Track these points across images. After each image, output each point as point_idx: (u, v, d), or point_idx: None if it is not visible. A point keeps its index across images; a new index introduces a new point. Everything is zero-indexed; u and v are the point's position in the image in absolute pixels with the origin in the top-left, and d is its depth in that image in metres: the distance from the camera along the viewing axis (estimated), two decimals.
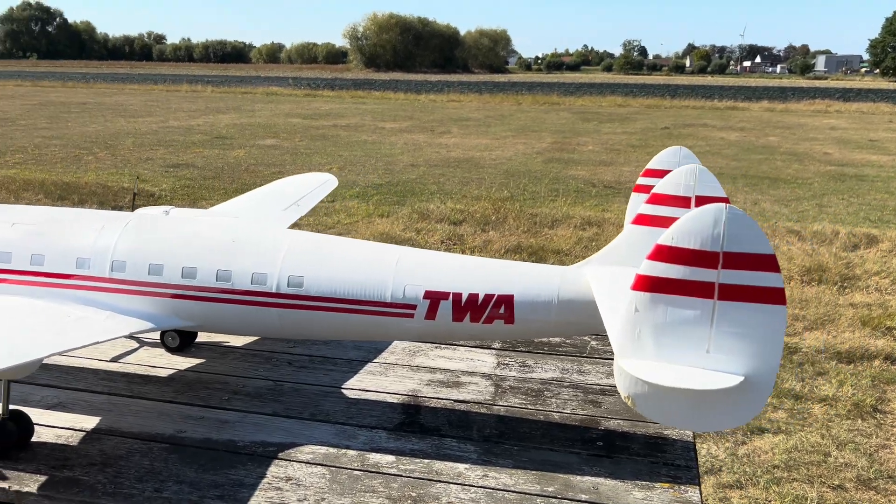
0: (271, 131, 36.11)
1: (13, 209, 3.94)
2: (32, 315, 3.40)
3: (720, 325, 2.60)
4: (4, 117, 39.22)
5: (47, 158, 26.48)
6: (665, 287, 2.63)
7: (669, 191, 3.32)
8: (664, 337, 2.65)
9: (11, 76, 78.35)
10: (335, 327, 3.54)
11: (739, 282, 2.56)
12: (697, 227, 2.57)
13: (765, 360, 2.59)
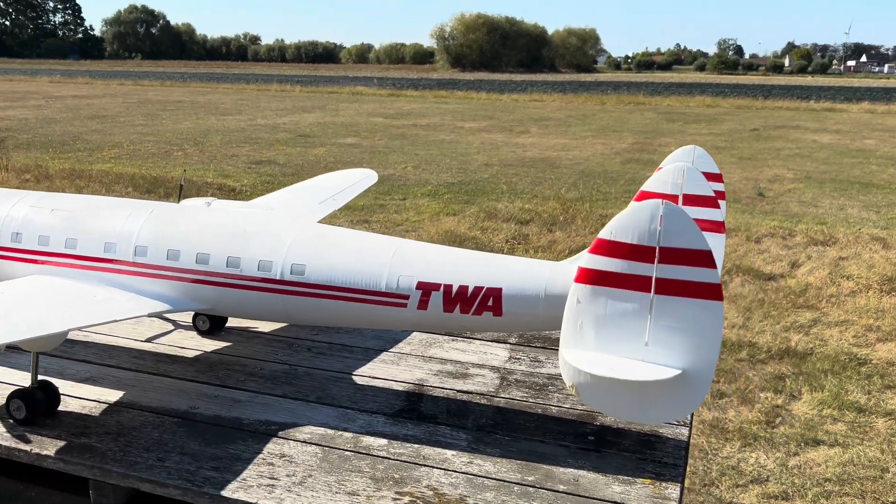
0: (353, 130, 36.91)
1: (55, 197, 4.28)
2: (62, 293, 3.70)
3: (658, 319, 2.63)
4: (106, 114, 41.49)
5: (140, 153, 27.90)
6: (605, 280, 2.67)
7: (657, 189, 3.34)
8: (604, 329, 2.69)
9: (116, 76, 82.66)
10: (334, 314, 3.71)
11: (676, 276, 2.58)
12: (634, 222, 2.61)
13: (702, 354, 2.60)
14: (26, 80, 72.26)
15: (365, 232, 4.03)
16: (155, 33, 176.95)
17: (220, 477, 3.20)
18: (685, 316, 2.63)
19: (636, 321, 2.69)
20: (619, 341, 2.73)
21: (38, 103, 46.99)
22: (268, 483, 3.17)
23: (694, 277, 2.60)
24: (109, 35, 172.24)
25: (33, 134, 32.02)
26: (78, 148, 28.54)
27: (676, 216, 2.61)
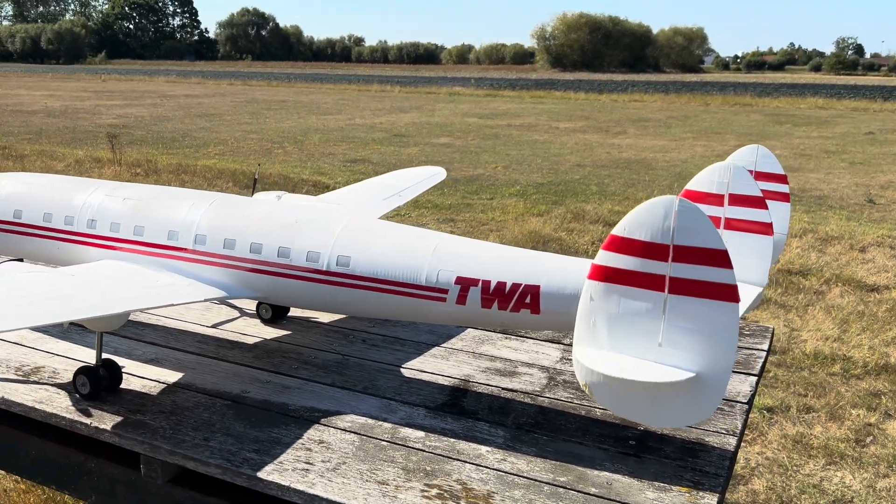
0: (446, 130, 37.23)
1: (128, 186, 4.52)
2: (128, 278, 3.92)
3: (671, 319, 2.54)
4: (214, 113, 43.40)
5: (243, 150, 29.06)
6: (618, 278, 2.60)
7: (702, 188, 3.23)
8: (617, 327, 2.62)
9: (226, 76, 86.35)
10: (376, 306, 3.77)
11: (690, 276, 2.49)
12: (648, 218, 2.53)
13: (717, 357, 2.49)
14: (145, 81, 76.54)
15: (410, 226, 4.07)
16: (265, 35, 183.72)
17: (258, 459, 3.31)
18: (699, 317, 2.54)
19: (649, 321, 2.62)
20: (631, 341, 2.67)
21: (154, 102, 49.66)
22: (303, 467, 3.26)
23: (709, 277, 2.50)
24: (222, 37, 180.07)
25: (147, 130, 33.87)
26: (186, 144, 29.99)
27: (691, 213, 2.51)
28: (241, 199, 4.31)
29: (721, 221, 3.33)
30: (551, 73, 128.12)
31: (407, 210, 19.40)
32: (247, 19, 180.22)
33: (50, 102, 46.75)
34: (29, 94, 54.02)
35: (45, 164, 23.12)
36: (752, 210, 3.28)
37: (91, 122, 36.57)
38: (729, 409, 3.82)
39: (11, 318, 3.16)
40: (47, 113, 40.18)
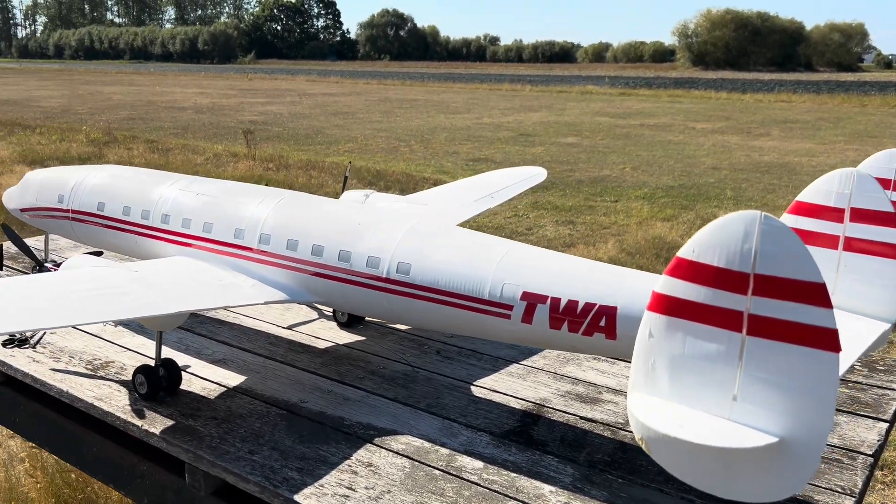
0: (575, 129, 36.38)
1: (202, 181, 4.43)
2: (191, 276, 3.79)
3: (750, 368, 2.01)
4: (348, 111, 44.54)
5: (371, 148, 29.55)
6: (684, 311, 2.08)
7: (817, 199, 2.66)
8: (681, 372, 2.11)
9: (363, 75, 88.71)
10: (436, 318, 3.43)
11: (775, 314, 1.95)
12: (723, 239, 2.01)
13: (808, 419, 1.95)
14: (287, 79, 79.89)
15: (479, 233, 3.71)
16: (403, 35, 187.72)
17: (299, 479, 3.07)
18: (786, 367, 2.00)
19: (723, 367, 2.10)
20: (699, 391, 2.16)
21: (293, 100, 51.63)
22: (343, 493, 2.98)
23: (799, 318, 1.97)
24: (363, 37, 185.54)
25: (283, 127, 35.17)
26: (318, 141, 30.86)
27: (779, 234, 1.98)
28: (309, 199, 4.11)
29: (840, 241, 2.75)
30: (692, 71, 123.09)
31: (524, 210, 19.00)
32: (386, 20, 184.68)
33: (199, 100, 49.60)
34: (182, 91, 57.58)
35: (187, 157, 24.40)
36: (879, 228, 2.68)
37: (234, 118, 38.40)
38: (849, 463, 3.21)
39: (54, 316, 3.07)
40: (196, 109, 42.60)
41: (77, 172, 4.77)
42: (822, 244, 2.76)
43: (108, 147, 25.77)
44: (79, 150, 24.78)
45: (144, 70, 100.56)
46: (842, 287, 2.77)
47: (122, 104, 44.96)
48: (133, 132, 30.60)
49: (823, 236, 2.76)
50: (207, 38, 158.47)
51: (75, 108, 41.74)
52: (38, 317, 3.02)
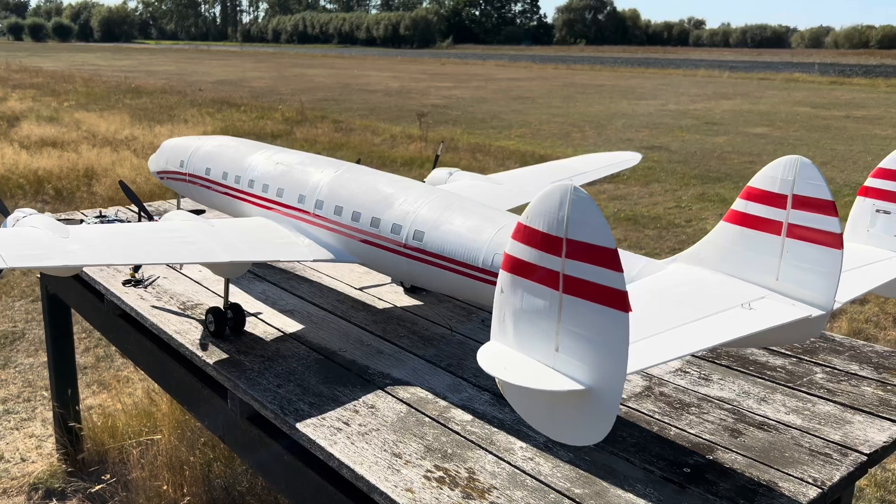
0: (768, 119, 34.27)
1: (285, 153, 4.99)
2: (259, 232, 4.37)
3: (566, 323, 2.18)
4: (529, 96, 44.83)
5: (543, 133, 29.71)
6: (521, 270, 2.29)
7: (764, 185, 2.67)
8: (521, 324, 2.31)
9: (552, 60, 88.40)
10: (441, 283, 3.73)
11: (582, 275, 2.13)
12: (546, 206, 2.21)
13: (607, 371, 2.06)
14: (478, 64, 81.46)
15: (488, 207, 3.94)
16: (601, 19, 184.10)
17: (307, 411, 3.53)
18: (591, 323, 2.17)
19: (547, 321, 2.28)
20: (532, 341, 2.35)
21: (478, 85, 52.74)
22: (338, 426, 3.40)
23: (599, 279, 2.12)
24: (559, 22, 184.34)
25: (462, 111, 36.17)
26: (492, 125, 31.47)
27: (583, 204, 2.14)
28: (361, 170, 4.53)
29: (783, 227, 2.71)
30: None
31: (688, 202, 18.41)
32: (584, 4, 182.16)
33: (390, 83, 52.06)
34: (377, 75, 60.68)
35: (366, 137, 25.96)
36: (818, 216, 2.62)
37: (418, 101, 40.01)
38: (837, 458, 3.14)
39: (125, 255, 3.72)
40: (385, 92, 44.84)
41: (195, 141, 5.53)
42: (767, 230, 2.75)
43: (299, 125, 27.96)
44: (273, 127, 27.13)
45: (347, 54, 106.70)
46: (784, 273, 2.74)
47: (320, 86, 48.25)
48: (324, 112, 32.90)
49: (768, 222, 2.74)
50: (409, 23, 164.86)
51: (280, 88, 45.40)
52: (112, 254, 3.69)
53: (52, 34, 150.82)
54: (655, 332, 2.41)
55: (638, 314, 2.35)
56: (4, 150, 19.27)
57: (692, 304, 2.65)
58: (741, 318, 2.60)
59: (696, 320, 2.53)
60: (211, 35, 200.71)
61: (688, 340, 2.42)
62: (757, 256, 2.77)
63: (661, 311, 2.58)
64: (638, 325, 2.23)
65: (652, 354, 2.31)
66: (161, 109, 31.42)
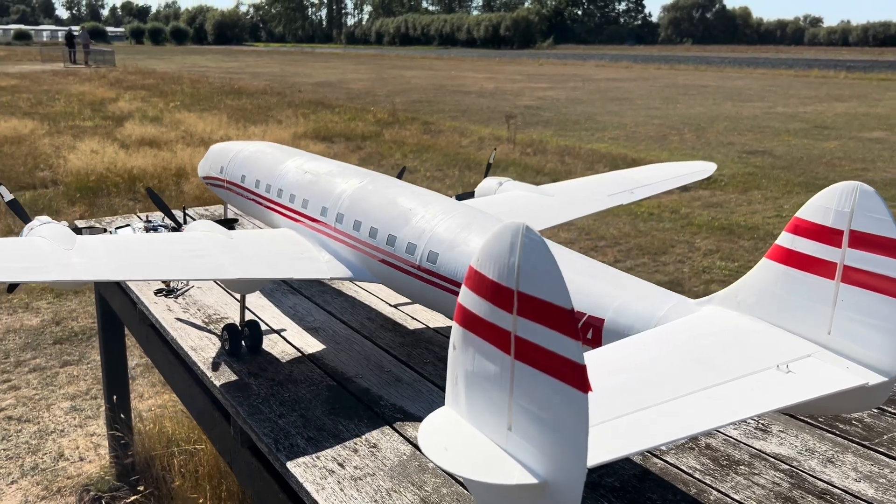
0: (887, 123, 31.95)
1: (314, 160, 4.70)
2: (279, 246, 4.10)
3: (517, 396, 1.72)
4: (627, 97, 43.52)
5: (638, 136, 28.68)
6: (473, 324, 1.83)
7: (816, 217, 2.15)
8: (472, 391, 1.85)
9: (656, 60, 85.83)
10: (451, 309, 3.34)
11: (534, 339, 1.67)
12: (496, 249, 1.77)
13: (563, 463, 1.63)
14: (577, 65, 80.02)
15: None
16: (709, 18, 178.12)
17: (303, 447, 3.22)
18: (546, 400, 1.70)
19: (499, 392, 1.82)
20: (485, 415, 1.88)
21: (575, 85, 51.67)
22: (331, 468, 3.08)
23: (552, 346, 1.65)
24: (665, 21, 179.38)
25: (556, 112, 35.43)
26: (585, 127, 30.64)
27: (537, 249, 1.69)
28: (387, 182, 4.19)
29: (837, 270, 2.16)
30: None
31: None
32: (692, 2, 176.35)
33: (485, 84, 51.72)
34: (473, 76, 60.45)
35: (454, 139, 25.72)
36: (880, 258, 2.06)
37: (512, 103, 39.50)
38: None
39: (131, 270, 3.51)
40: (479, 94, 44.53)
41: (236, 146, 5.35)
42: (819, 272, 2.20)
43: (389, 127, 28.02)
44: (364, 128, 27.29)
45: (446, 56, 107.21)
46: (838, 326, 2.19)
47: (416, 87, 48.45)
48: (415, 114, 32.90)
49: (820, 262, 2.19)
50: (509, 23, 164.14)
51: (376, 90, 45.87)
52: (113, 269, 3.48)
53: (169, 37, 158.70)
54: (658, 402, 1.94)
55: (644, 375, 1.91)
56: (106, 149, 20.09)
57: (716, 362, 2.16)
58: (775, 386, 2.09)
59: (715, 386, 2.04)
60: (317, 37, 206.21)
61: (699, 416, 1.93)
62: (805, 303, 2.25)
63: (674, 372, 2.11)
64: (639, 392, 1.79)
65: (648, 434, 1.84)
66: (259, 110, 32.19)
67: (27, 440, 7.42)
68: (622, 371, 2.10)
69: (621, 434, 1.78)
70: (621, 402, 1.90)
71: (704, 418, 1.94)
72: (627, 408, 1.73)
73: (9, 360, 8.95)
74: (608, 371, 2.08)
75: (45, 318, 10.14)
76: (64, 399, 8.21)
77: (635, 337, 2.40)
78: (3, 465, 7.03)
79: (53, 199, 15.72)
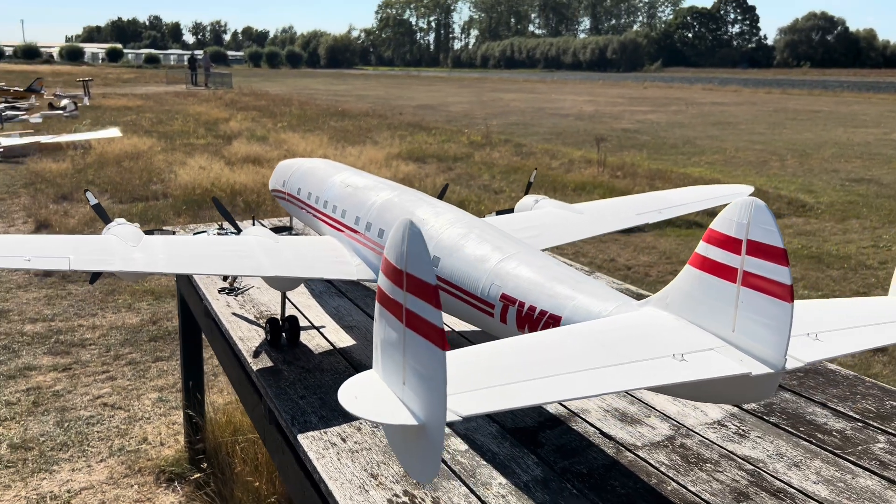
0: None
1: (356, 175, 5.18)
2: (321, 251, 4.60)
3: (408, 356, 2.16)
4: (730, 122, 42.52)
5: (737, 161, 28.07)
6: (383, 300, 2.30)
7: (722, 228, 2.43)
8: (383, 354, 2.27)
9: (767, 84, 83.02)
10: (454, 311, 3.71)
11: (416, 310, 2.13)
12: (393, 239, 2.22)
13: (432, 408, 2.06)
14: (683, 88, 78.52)
15: (507, 234, 3.83)
16: (829, 40, 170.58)
17: (314, 423, 3.66)
18: (424, 359, 2.12)
19: (398, 354, 2.24)
20: (389, 374, 2.31)
21: (678, 109, 50.81)
22: (334, 442, 3.50)
23: (423, 313, 2.10)
24: (781, 44, 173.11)
25: (653, 136, 35.07)
26: (682, 151, 30.23)
27: (417, 239, 2.15)
28: (412, 195, 4.60)
29: (738, 274, 2.39)
30: None
31: (888, 242, 16.56)
32: (812, 24, 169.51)
33: (585, 107, 51.64)
34: (573, 99, 60.46)
35: (544, 161, 25.98)
36: (770, 264, 2.29)
37: (608, 126, 39.36)
38: None
39: (180, 265, 4.08)
40: (577, 116, 44.56)
41: (297, 162, 5.92)
42: (724, 276, 2.44)
43: (481, 148, 28.59)
44: (456, 150, 27.96)
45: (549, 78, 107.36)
46: (739, 324, 2.41)
47: (514, 110, 48.97)
48: (509, 136, 33.36)
49: (726, 268, 2.43)
50: (616, 46, 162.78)
51: (474, 112, 46.68)
52: (168, 263, 4.06)
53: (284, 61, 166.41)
54: (541, 372, 2.28)
55: (542, 353, 2.26)
56: (213, 166, 21.55)
57: (619, 349, 2.44)
58: (660, 368, 2.36)
59: (604, 366, 2.33)
60: (424, 61, 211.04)
61: (572, 385, 2.26)
62: (715, 304, 2.50)
63: (571, 352, 2.42)
64: (527, 363, 2.16)
65: (518, 395, 2.20)
66: (359, 132, 33.49)
67: (118, 424, 8.23)
68: (529, 349, 2.44)
69: (497, 394, 2.15)
70: (508, 369, 2.28)
71: (575, 387, 2.26)
72: (511, 375, 2.11)
73: (109, 354, 9.91)
74: (519, 348, 2.45)
75: (143, 318, 11.14)
76: (153, 390, 9.03)
77: (567, 327, 2.73)
78: (95, 444, 7.84)
79: (162, 210, 17.05)
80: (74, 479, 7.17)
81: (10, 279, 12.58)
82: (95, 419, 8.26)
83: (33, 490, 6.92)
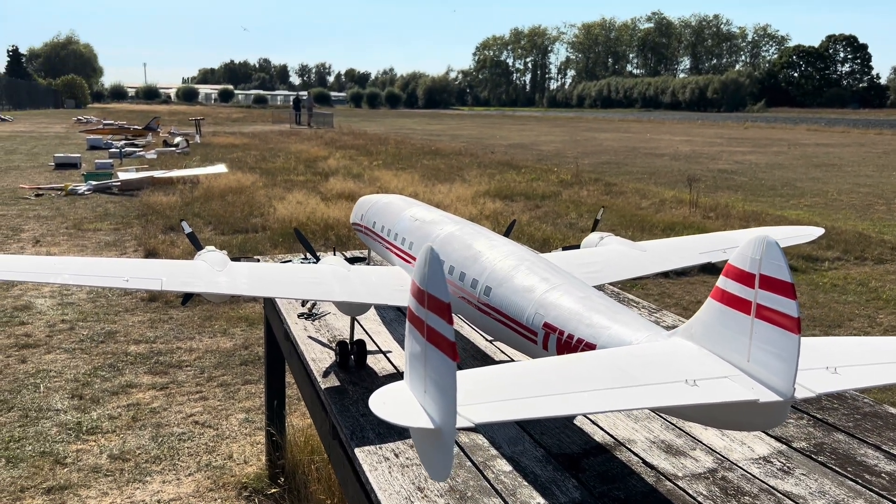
0: None
1: (425, 210, 5.48)
2: (388, 279, 4.91)
3: (428, 370, 2.42)
4: (834, 164, 40.98)
5: (838, 204, 27.06)
6: (412, 319, 2.61)
7: (739, 263, 2.59)
8: (411, 367, 2.57)
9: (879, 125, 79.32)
10: (504, 337, 3.91)
11: (433, 325, 2.42)
12: (419, 265, 2.53)
13: (445, 414, 2.30)
14: (786, 129, 76.13)
15: (557, 267, 4.01)
16: None
17: (371, 439, 3.92)
18: (438, 368, 2.38)
19: (421, 366, 2.51)
20: (415, 383, 2.57)
21: (779, 150, 49.35)
22: (388, 456, 3.75)
23: (440, 329, 2.40)
24: (895, 83, 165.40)
25: (750, 177, 34.23)
26: (780, 193, 29.38)
27: (436, 263, 2.46)
28: (473, 228, 4.86)
29: (752, 307, 2.50)
30: None
31: None
32: None
33: (681, 147, 50.84)
34: (669, 138, 59.62)
35: (633, 200, 25.79)
36: (780, 298, 2.40)
37: (705, 166, 38.65)
38: None
39: (254, 287, 4.47)
40: (672, 156, 43.93)
41: (374, 197, 6.31)
42: (740, 308, 2.58)
43: (570, 187, 28.66)
44: (545, 188, 28.14)
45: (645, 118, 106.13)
46: (753, 354, 2.52)
47: (607, 149, 48.75)
48: (600, 175, 33.27)
49: (741, 300, 2.57)
50: (717, 86, 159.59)
51: (566, 151, 46.77)
52: (248, 286, 4.45)
53: (384, 101, 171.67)
54: (554, 388, 2.48)
55: (568, 374, 2.46)
56: (309, 201, 22.54)
57: (635, 372, 2.59)
58: (669, 391, 2.49)
59: (618, 387, 2.49)
60: (519, 101, 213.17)
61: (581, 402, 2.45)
62: (732, 335, 2.64)
63: (588, 373, 2.58)
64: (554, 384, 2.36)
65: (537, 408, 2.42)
66: (450, 170, 34.18)
67: (206, 442, 8.75)
68: (549, 369, 2.65)
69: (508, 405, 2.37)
70: (523, 385, 2.49)
71: (581, 403, 2.45)
72: (524, 389, 2.34)
73: (203, 376, 10.54)
74: (540, 368, 2.66)
75: (237, 343, 11.78)
76: (241, 411, 9.55)
77: (592, 352, 2.91)
78: (185, 459, 8.36)
79: (259, 242, 17.96)
80: (164, 491, 7.66)
81: (119, 303, 13.56)
82: (187, 435, 8.80)
83: (127, 498, 7.46)
